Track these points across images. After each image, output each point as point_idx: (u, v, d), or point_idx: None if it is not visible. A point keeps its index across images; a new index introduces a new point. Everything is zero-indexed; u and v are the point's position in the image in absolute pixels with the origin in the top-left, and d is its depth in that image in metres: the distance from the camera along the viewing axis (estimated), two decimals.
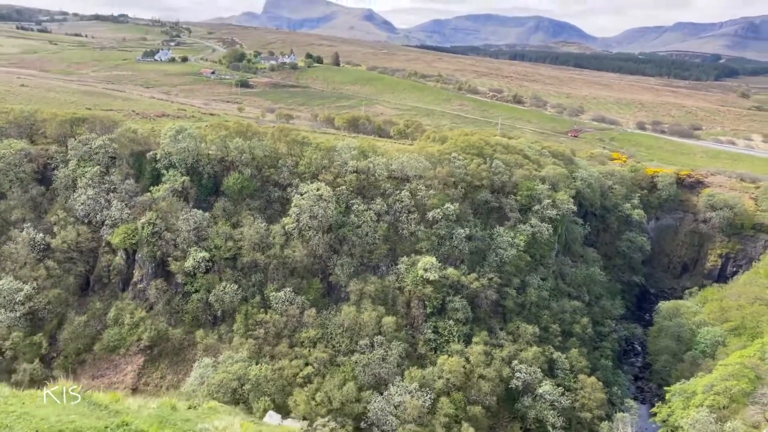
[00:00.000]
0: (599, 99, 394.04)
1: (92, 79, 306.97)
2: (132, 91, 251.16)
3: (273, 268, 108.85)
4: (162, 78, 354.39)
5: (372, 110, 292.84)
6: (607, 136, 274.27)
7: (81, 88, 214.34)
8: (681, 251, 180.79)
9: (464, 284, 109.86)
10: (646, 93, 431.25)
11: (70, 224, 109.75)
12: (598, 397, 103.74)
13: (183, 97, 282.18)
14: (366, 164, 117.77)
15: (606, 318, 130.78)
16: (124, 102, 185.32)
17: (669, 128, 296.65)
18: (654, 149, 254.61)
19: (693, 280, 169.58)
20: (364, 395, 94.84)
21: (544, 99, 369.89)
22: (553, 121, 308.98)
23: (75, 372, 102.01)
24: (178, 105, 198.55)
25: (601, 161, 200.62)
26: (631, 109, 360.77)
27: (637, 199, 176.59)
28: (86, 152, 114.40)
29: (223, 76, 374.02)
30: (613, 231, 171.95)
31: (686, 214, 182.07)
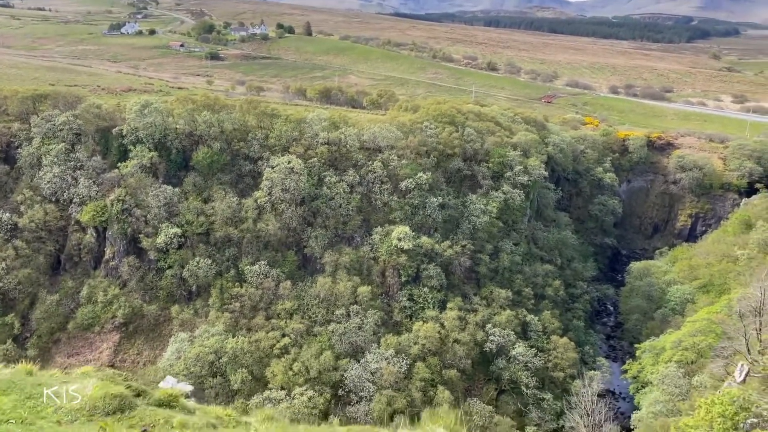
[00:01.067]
0: (573, 64, 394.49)
1: (57, 55, 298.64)
2: (98, 66, 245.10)
3: (247, 242, 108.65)
4: (129, 52, 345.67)
5: (346, 81, 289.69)
6: (581, 101, 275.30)
7: (45, 64, 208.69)
8: (652, 212, 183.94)
9: (438, 252, 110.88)
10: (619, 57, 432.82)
11: (37, 203, 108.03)
12: (570, 357, 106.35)
13: (152, 71, 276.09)
14: (337, 135, 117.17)
15: (578, 280, 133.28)
16: (90, 77, 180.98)
17: (641, 91, 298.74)
18: (626, 113, 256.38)
19: (664, 240, 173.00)
20: (341, 363, 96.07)
21: (519, 65, 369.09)
22: (527, 88, 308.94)
23: (49, 351, 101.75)
24: (145, 79, 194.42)
25: (573, 126, 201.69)
26: (604, 74, 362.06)
27: (608, 162, 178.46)
28: (50, 129, 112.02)
29: (193, 48, 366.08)
30: (586, 195, 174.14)
31: (657, 176, 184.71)
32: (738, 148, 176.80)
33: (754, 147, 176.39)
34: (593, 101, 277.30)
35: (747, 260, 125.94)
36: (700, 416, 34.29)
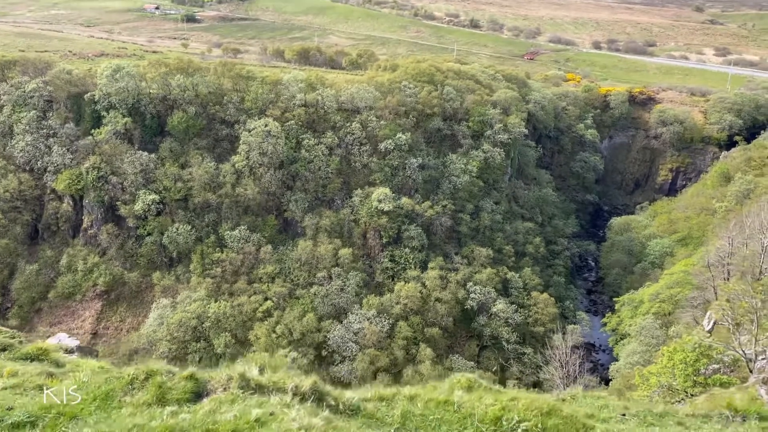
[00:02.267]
0: (556, 20, 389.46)
1: (28, 20, 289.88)
2: (70, 31, 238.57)
3: (226, 207, 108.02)
4: (103, 16, 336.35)
5: (326, 41, 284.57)
6: (563, 57, 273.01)
7: (15, 30, 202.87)
8: (633, 168, 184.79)
9: (419, 213, 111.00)
10: (602, 11, 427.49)
11: (11, 172, 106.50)
12: (551, 312, 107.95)
13: (126, 35, 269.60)
14: (314, 97, 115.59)
15: (559, 237, 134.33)
16: (61, 42, 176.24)
17: (624, 46, 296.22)
18: (609, 68, 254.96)
19: (645, 195, 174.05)
20: (324, 325, 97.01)
21: (501, 22, 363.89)
22: (509, 45, 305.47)
23: (31, 320, 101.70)
24: (119, 44, 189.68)
25: (555, 83, 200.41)
26: (587, 29, 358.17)
27: (590, 119, 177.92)
28: (20, 97, 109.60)
29: (168, 11, 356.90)
30: (567, 152, 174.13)
31: (638, 131, 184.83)
32: (719, 101, 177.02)
33: (734, 100, 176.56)
34: (576, 57, 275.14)
35: (725, 212, 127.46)
36: (662, 363, 35.06)
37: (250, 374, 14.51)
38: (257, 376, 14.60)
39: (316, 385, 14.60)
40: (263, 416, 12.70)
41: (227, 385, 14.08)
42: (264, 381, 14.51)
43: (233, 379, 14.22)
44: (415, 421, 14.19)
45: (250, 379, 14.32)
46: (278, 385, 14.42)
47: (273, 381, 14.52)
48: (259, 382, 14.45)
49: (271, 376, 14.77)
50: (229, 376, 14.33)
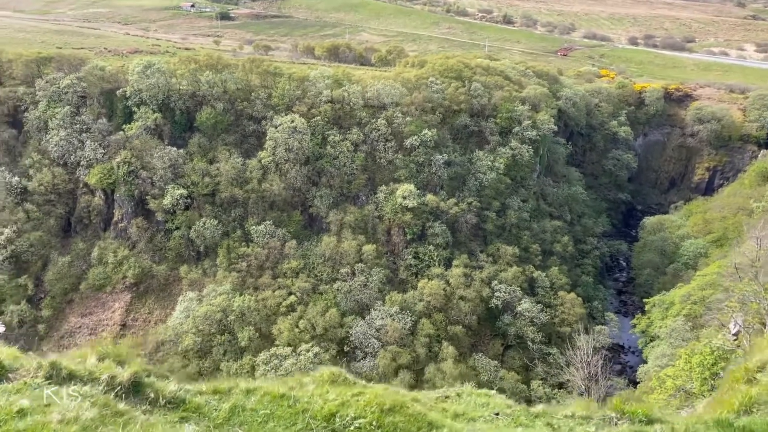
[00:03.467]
0: (591, 15, 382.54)
1: (68, 18, 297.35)
2: (107, 29, 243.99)
3: (252, 203, 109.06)
4: (140, 14, 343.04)
5: (357, 38, 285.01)
6: (597, 54, 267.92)
7: (54, 28, 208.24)
8: (668, 166, 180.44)
9: (444, 210, 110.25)
10: (640, 6, 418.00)
11: (46, 166, 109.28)
12: (578, 312, 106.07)
13: (161, 33, 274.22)
14: (341, 93, 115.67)
15: (588, 236, 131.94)
16: (97, 40, 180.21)
17: (661, 42, 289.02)
18: (645, 64, 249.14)
19: (680, 194, 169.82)
20: (347, 320, 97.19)
21: (535, 18, 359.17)
22: (543, 41, 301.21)
23: (63, 311, 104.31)
24: (153, 41, 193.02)
25: (588, 79, 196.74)
26: (623, 25, 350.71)
27: (623, 116, 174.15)
28: (55, 92, 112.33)
29: (203, 8, 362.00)
30: (600, 149, 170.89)
31: (674, 129, 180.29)
32: (758, 98, 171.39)
33: None
34: (611, 53, 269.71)
35: (762, 213, 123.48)
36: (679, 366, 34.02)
37: (65, 363, 13.84)
38: (73, 366, 13.91)
39: (137, 376, 13.70)
40: (29, 407, 11.76)
41: (35, 374, 13.26)
42: (80, 371, 13.71)
43: (42, 368, 13.55)
44: (243, 415, 13.55)
45: (62, 368, 13.62)
46: (94, 375, 13.54)
47: (90, 371, 13.71)
48: (74, 371, 13.61)
49: (91, 366, 14.04)
50: (39, 364, 13.51)
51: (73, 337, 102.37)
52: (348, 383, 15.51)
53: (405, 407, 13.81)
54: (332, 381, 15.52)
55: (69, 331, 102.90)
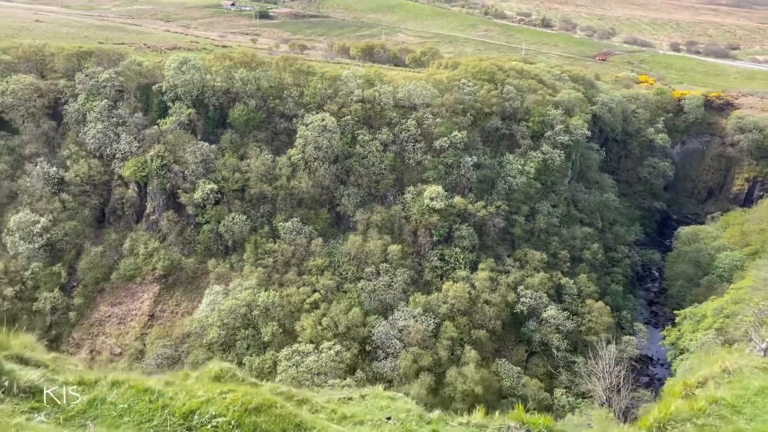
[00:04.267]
0: (633, 20, 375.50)
1: (112, 14, 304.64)
2: (150, 26, 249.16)
3: (281, 199, 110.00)
4: (182, 11, 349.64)
5: (393, 39, 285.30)
6: (637, 59, 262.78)
7: (97, 23, 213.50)
8: (707, 176, 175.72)
9: (471, 212, 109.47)
10: (684, 12, 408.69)
11: (82, 158, 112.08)
12: (605, 321, 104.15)
13: (201, 30, 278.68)
14: (372, 93, 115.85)
15: (619, 244, 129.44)
16: (138, 36, 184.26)
17: (704, 49, 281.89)
18: (686, 71, 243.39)
19: (718, 205, 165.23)
20: (370, 320, 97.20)
21: (574, 22, 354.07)
22: (581, 45, 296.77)
23: (94, 300, 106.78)
24: (192, 38, 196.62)
25: (626, 85, 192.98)
26: (665, 30, 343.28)
27: (661, 123, 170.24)
28: (94, 86, 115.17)
29: (243, 7, 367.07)
30: (635, 156, 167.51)
31: (713, 138, 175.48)
32: None
33: None
34: (651, 59, 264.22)
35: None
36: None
37: None
38: None
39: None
40: None
41: None
42: None
43: None
44: (100, 409, 13.13)
45: None
46: None
47: None
48: None
49: None
50: None
51: (102, 326, 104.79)
52: (236, 380, 15.25)
53: (273, 407, 13.51)
54: (218, 377, 15.27)
55: (99, 319, 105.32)
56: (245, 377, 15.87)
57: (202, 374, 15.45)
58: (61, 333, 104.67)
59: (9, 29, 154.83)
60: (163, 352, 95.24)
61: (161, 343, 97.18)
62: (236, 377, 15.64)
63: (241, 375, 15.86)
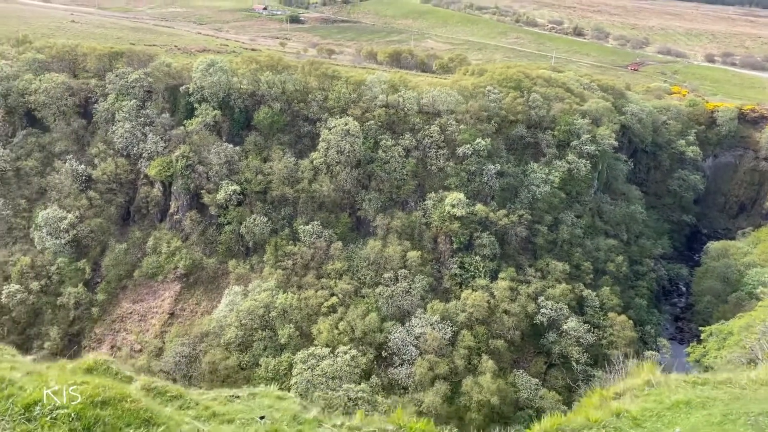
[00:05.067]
0: (667, 30, 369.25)
1: (147, 16, 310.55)
2: (182, 28, 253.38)
3: (302, 202, 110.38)
4: (215, 14, 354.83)
5: (422, 45, 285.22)
6: (670, 70, 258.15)
7: (131, 25, 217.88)
8: (739, 190, 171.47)
9: (493, 221, 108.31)
10: (720, 23, 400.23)
11: (110, 156, 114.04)
12: (628, 335, 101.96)
13: (233, 33, 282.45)
14: (396, 98, 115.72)
15: (645, 257, 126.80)
16: (170, 38, 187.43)
17: (741, 60, 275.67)
18: (721, 83, 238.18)
19: (750, 220, 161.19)
20: (386, 326, 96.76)
21: (607, 31, 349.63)
22: (613, 54, 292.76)
23: (117, 296, 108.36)
24: (222, 41, 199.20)
25: (657, 95, 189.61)
26: (701, 41, 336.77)
27: (693, 135, 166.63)
28: (123, 86, 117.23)
29: (275, 11, 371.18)
30: (665, 169, 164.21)
31: (747, 152, 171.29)
32: None
33: None
34: (685, 70, 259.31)
35: None
36: None
37: None
38: None
39: None
40: None
41: None
42: None
43: None
44: None
45: None
46: None
47: None
48: None
49: None
50: None
51: (123, 322, 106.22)
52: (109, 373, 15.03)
53: (123, 401, 13.26)
54: (90, 369, 15.06)
55: (120, 316, 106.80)
56: (120, 370, 15.73)
57: (77, 366, 15.39)
58: (83, 328, 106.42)
59: (45, 29, 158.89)
60: (181, 350, 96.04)
61: (180, 341, 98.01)
62: (110, 370, 15.52)
63: (116, 368, 15.75)
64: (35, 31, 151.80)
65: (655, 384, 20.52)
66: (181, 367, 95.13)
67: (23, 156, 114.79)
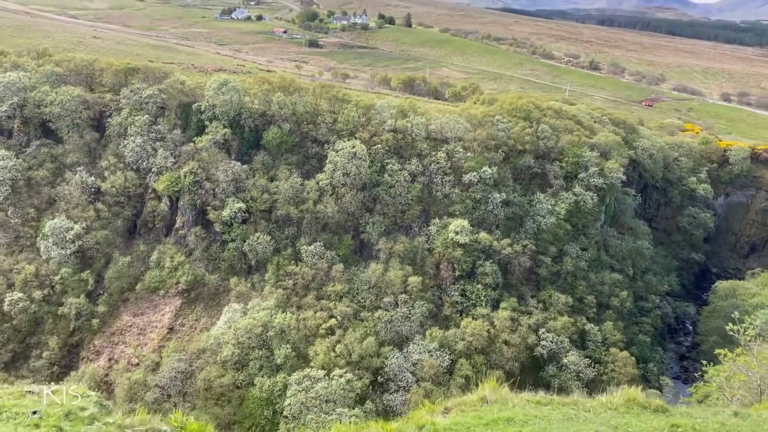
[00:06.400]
0: (684, 68, 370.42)
1: (169, 35, 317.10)
2: (202, 48, 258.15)
3: (306, 223, 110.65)
4: (236, 36, 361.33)
5: (438, 73, 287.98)
6: (685, 107, 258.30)
7: (152, 42, 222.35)
8: (750, 230, 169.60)
9: (496, 249, 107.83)
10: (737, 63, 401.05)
11: (120, 170, 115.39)
12: (629, 372, 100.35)
13: (252, 54, 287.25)
14: (404, 123, 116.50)
15: (650, 293, 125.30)
16: (188, 56, 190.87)
17: (756, 101, 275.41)
18: (735, 122, 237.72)
19: (761, 261, 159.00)
20: (384, 351, 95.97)
21: (623, 66, 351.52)
22: (628, 90, 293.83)
23: (118, 309, 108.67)
24: (239, 61, 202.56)
25: (670, 132, 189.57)
26: (717, 80, 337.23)
27: (704, 173, 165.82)
28: (137, 101, 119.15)
29: (295, 35, 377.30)
30: (675, 206, 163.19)
31: (759, 192, 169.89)
32: None
33: None
34: (700, 108, 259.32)
35: None
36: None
37: None
38: None
39: None
40: None
41: None
42: None
43: None
44: None
45: None
46: None
47: None
48: None
49: None
50: None
51: (123, 335, 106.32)
52: None
53: None
54: None
55: (120, 328, 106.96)
56: None
57: None
58: (83, 339, 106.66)
59: (67, 43, 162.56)
60: (178, 366, 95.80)
61: (177, 356, 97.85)
62: None
63: None
64: (57, 45, 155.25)
65: (491, 401, 20.59)
66: (176, 382, 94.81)
67: (35, 166, 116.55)
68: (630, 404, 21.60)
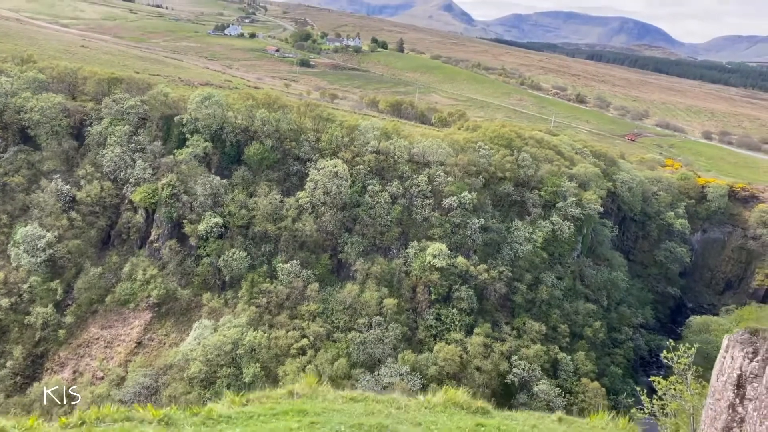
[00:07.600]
0: (668, 105, 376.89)
1: (160, 48, 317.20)
2: (192, 62, 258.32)
3: (284, 240, 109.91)
4: (228, 52, 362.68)
5: (427, 98, 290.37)
6: (667, 143, 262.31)
7: (140, 54, 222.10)
8: (726, 267, 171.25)
9: (473, 275, 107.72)
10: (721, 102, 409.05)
11: (96, 179, 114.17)
12: (599, 403, 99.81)
13: (242, 71, 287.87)
14: (387, 145, 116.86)
15: (624, 325, 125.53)
16: (175, 69, 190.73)
17: (737, 140, 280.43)
18: (715, 160, 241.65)
19: (736, 298, 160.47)
20: (355, 373, 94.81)
21: (609, 100, 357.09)
22: (612, 123, 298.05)
23: (86, 321, 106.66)
24: (228, 77, 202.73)
25: (650, 166, 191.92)
26: (700, 118, 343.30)
27: (682, 208, 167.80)
28: (119, 111, 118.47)
29: (287, 54, 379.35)
30: (653, 239, 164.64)
31: (736, 229, 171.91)
32: None
33: None
34: (681, 144, 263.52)
35: None
36: None
37: None
38: None
39: None
40: None
41: None
42: None
43: None
44: None
45: None
46: None
47: None
48: None
49: None
50: None
51: (89, 348, 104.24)
52: None
53: None
54: None
55: (87, 341, 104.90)
56: None
57: None
58: (48, 350, 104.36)
59: (53, 51, 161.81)
60: (143, 381, 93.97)
61: (143, 371, 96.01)
62: None
63: None
64: (42, 53, 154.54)
65: (299, 395, 20.81)
66: (140, 398, 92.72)
67: (11, 172, 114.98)
68: (448, 404, 21.84)
